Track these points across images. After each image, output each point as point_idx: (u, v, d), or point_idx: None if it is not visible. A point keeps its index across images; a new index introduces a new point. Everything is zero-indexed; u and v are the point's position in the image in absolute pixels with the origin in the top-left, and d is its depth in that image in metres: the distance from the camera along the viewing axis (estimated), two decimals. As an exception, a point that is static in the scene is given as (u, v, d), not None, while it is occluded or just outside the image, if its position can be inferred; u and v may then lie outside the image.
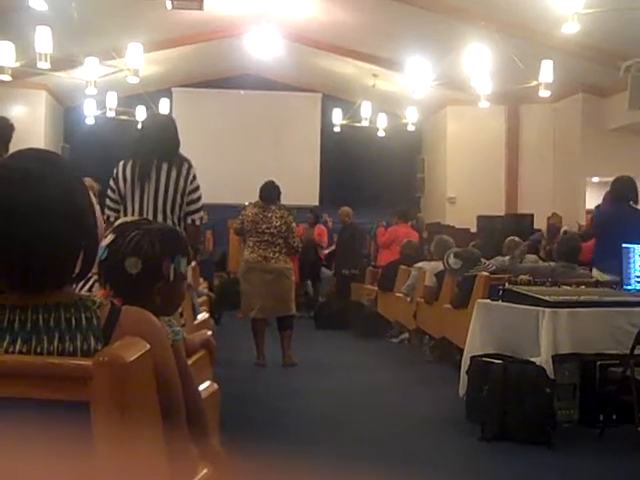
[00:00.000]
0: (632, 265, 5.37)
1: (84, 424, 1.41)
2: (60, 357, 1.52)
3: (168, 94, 14.53)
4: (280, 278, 7.41)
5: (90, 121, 13.09)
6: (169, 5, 9.92)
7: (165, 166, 4.56)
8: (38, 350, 1.52)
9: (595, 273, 6.33)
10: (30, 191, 1.51)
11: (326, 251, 12.87)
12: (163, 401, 1.58)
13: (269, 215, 7.44)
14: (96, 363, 1.43)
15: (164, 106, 13.54)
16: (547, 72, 9.64)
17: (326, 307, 11.17)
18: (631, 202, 6.65)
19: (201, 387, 2.44)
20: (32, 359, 1.49)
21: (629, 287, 5.33)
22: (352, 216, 12.07)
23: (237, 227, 7.94)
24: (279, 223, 7.41)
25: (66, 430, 1.41)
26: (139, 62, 9.81)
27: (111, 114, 12.60)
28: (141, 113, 13.08)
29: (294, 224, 7.69)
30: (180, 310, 3.15)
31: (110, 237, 2.17)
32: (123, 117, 12.95)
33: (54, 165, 1.58)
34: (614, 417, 4.68)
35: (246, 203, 12.34)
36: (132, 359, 1.46)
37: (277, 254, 7.40)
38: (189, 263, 2.34)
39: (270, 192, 7.55)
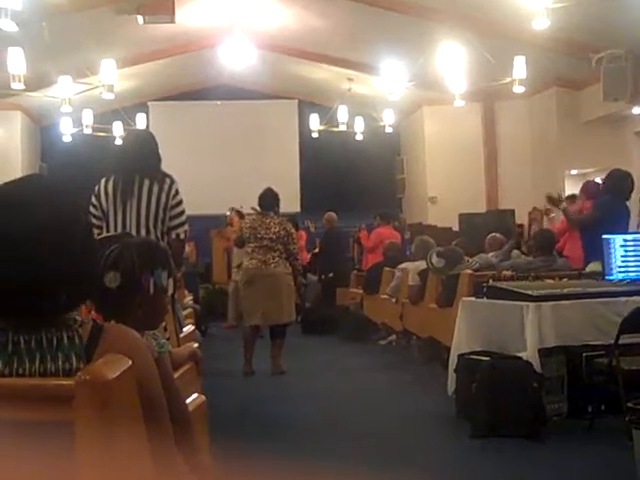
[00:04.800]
0: (613, 255, 5.41)
1: (68, 443, 1.41)
2: (42, 378, 1.51)
3: (144, 108, 14.50)
4: (280, 283, 7.39)
5: (67, 139, 13.05)
6: (141, 20, 9.93)
7: (147, 182, 4.58)
8: (20, 372, 1.52)
9: (594, 266, 6.11)
10: (21, 219, 1.50)
11: (309, 255, 12.88)
12: (148, 417, 1.58)
13: (267, 221, 7.46)
14: (78, 382, 1.42)
15: (141, 121, 13.51)
16: (520, 68, 9.71)
17: (312, 312, 11.16)
18: (626, 194, 6.61)
19: (188, 400, 2.44)
20: (14, 381, 1.49)
21: (611, 277, 5.37)
22: (335, 221, 12.07)
23: (237, 237, 7.95)
24: (278, 229, 7.43)
25: (49, 449, 1.41)
26: (113, 78, 9.80)
27: (88, 131, 12.57)
28: (118, 129, 13.05)
29: (293, 231, 7.71)
30: (164, 324, 3.16)
31: None
32: (100, 134, 12.91)
33: (50, 194, 1.57)
34: (603, 408, 4.71)
35: (227, 212, 12.36)
36: (114, 376, 1.45)
37: (277, 259, 7.39)
38: (170, 276, 2.35)
39: (269, 199, 7.59)
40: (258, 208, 7.71)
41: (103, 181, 4.69)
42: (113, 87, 9.83)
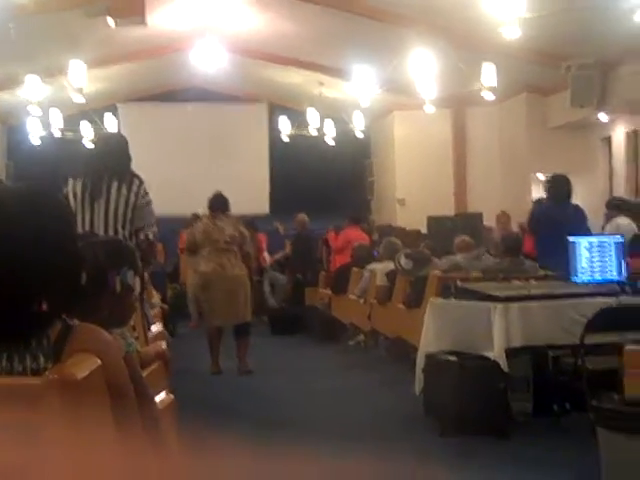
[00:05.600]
0: (579, 258, 5.48)
1: (35, 442, 1.40)
2: (9, 377, 1.51)
3: (114, 110, 14.41)
4: (238, 286, 7.43)
5: (34, 139, 12.93)
6: (111, 22, 9.85)
7: (115, 183, 4.58)
8: (-15, 370, 1.51)
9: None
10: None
11: (277, 256, 12.85)
12: (118, 415, 1.58)
13: (220, 224, 7.45)
14: (46, 381, 1.42)
15: (110, 122, 13.42)
16: (489, 75, 9.82)
17: (281, 313, 11.16)
18: (566, 199, 6.79)
19: (157, 398, 2.45)
20: (-21, 380, 1.48)
21: (576, 279, 5.43)
22: (306, 223, 12.03)
23: (189, 243, 7.86)
24: (232, 230, 7.44)
25: (16, 448, 1.40)
26: (82, 79, 9.73)
27: (56, 132, 12.47)
28: (87, 130, 12.95)
29: (246, 231, 7.73)
30: (132, 323, 3.15)
31: None
32: (68, 134, 12.82)
33: (31, 205, 1.56)
34: (567, 406, 4.78)
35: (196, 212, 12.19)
36: (83, 376, 1.45)
37: (232, 260, 7.42)
38: (137, 275, 2.35)
39: (219, 202, 7.57)
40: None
41: (71, 182, 4.67)
42: (82, 89, 9.77)
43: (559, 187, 6.82)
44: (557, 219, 6.53)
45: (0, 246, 1.48)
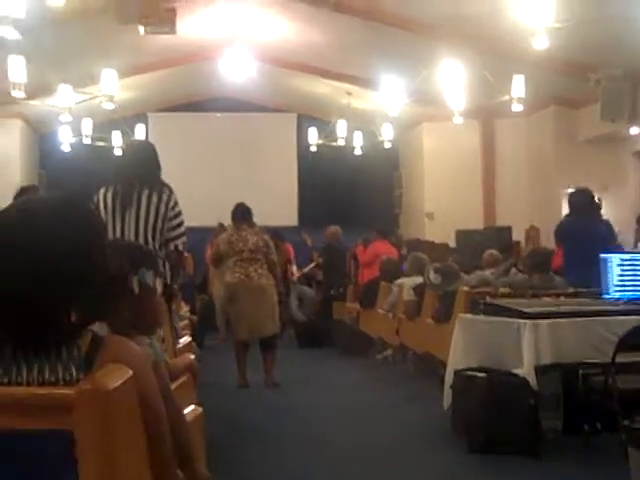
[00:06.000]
0: (610, 274, 5.41)
1: (68, 453, 1.40)
2: (41, 387, 1.51)
3: (144, 119, 14.53)
4: (265, 296, 7.39)
5: (66, 148, 13.07)
6: (142, 30, 9.95)
7: (146, 192, 4.59)
8: (19, 380, 1.51)
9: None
10: (26, 229, 1.50)
11: (306, 270, 12.82)
12: (148, 428, 1.57)
13: (243, 234, 7.44)
14: (79, 392, 1.42)
15: (140, 131, 13.54)
16: (519, 87, 9.76)
17: (309, 326, 11.14)
18: (590, 213, 6.70)
19: (185, 411, 2.44)
20: (14, 390, 1.48)
21: (608, 296, 5.37)
22: (338, 235, 11.89)
23: (214, 254, 7.86)
24: (256, 239, 7.42)
25: (50, 460, 1.40)
26: (114, 88, 9.82)
27: (87, 140, 12.60)
28: (117, 139, 13.07)
29: (271, 241, 7.71)
30: (161, 334, 3.15)
31: None
32: (99, 143, 12.94)
33: (60, 203, 1.56)
34: (598, 426, 4.70)
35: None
36: (115, 386, 1.45)
37: (259, 270, 7.38)
38: (157, 276, 2.32)
39: (241, 212, 7.57)
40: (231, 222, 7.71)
41: (102, 191, 4.69)
42: (113, 97, 9.86)
43: (581, 201, 6.74)
44: (579, 233, 6.45)
45: (31, 258, 1.48)
